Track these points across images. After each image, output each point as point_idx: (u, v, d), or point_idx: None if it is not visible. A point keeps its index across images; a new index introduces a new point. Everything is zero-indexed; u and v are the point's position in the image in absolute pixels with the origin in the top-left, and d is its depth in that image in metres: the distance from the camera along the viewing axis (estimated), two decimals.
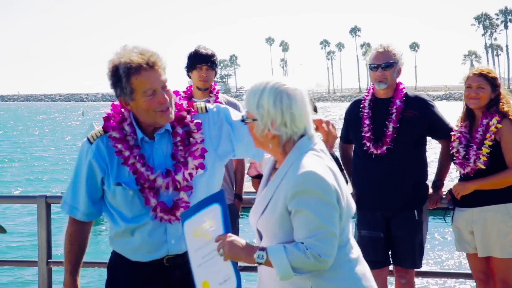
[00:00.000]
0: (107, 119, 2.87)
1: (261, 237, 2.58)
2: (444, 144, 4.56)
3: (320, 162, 2.43)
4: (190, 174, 2.83)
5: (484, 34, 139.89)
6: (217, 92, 4.93)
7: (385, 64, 4.41)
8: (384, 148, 4.39)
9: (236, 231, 4.88)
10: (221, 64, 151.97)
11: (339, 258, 2.43)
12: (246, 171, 4.97)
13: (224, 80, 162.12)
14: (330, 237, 2.36)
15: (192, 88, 4.97)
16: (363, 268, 2.55)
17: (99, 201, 2.94)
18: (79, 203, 2.93)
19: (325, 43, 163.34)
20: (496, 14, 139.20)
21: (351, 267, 2.48)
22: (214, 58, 4.87)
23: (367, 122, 4.48)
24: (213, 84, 4.92)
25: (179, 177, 2.81)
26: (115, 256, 3.00)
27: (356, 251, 2.57)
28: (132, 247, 2.88)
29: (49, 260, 4.82)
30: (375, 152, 4.41)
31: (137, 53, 2.72)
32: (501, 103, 4.29)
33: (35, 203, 4.85)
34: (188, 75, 4.94)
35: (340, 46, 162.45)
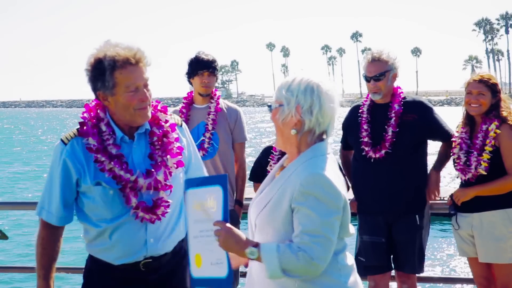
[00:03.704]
0: (82, 124, 2.83)
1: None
2: (443, 144, 4.56)
3: (331, 168, 2.47)
4: (170, 173, 2.85)
5: (485, 39, 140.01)
6: (218, 98, 4.93)
7: (377, 75, 4.40)
8: (383, 152, 4.39)
9: None
10: (222, 70, 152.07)
11: (329, 266, 2.43)
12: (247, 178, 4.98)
13: (225, 85, 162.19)
14: (326, 243, 2.37)
15: (193, 94, 4.98)
16: (354, 280, 2.54)
17: (71, 205, 2.91)
18: (54, 207, 2.88)
19: (326, 48, 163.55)
20: (497, 19, 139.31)
21: (340, 276, 2.48)
22: (215, 64, 4.88)
23: (365, 126, 4.48)
24: (214, 90, 4.93)
25: (160, 177, 2.81)
26: (91, 261, 2.98)
27: (349, 262, 2.56)
28: (111, 249, 2.86)
29: None
30: (373, 156, 4.41)
31: (123, 48, 2.72)
32: (500, 108, 4.29)
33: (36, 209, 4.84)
34: (189, 81, 4.94)
35: (341, 51, 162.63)
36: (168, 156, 2.86)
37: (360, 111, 4.57)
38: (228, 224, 2.49)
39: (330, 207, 2.38)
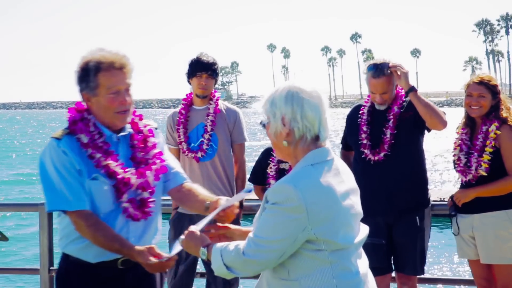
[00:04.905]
0: (73, 123, 2.91)
1: None
2: None
3: (317, 178, 2.37)
4: (157, 176, 3.00)
5: (485, 40, 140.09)
6: (217, 99, 4.92)
7: (383, 92, 4.43)
8: (382, 154, 4.41)
9: None
10: (222, 71, 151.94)
11: (324, 279, 2.36)
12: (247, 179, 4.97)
13: (225, 87, 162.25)
14: (264, 245, 2.34)
15: (192, 95, 4.97)
16: None
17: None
18: (80, 193, 2.83)
19: (326, 49, 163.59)
20: (497, 20, 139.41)
21: None
22: (215, 66, 4.86)
23: (364, 128, 4.50)
24: (213, 91, 4.92)
25: (150, 179, 2.94)
26: (66, 262, 2.97)
27: (352, 277, 2.42)
28: (92, 246, 2.86)
29: (50, 268, 4.82)
30: (372, 158, 4.42)
31: (109, 53, 2.88)
32: (500, 110, 4.30)
33: (36, 211, 4.85)
34: (188, 81, 4.94)
35: (341, 52, 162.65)
36: (158, 161, 3.00)
37: (360, 112, 4.58)
38: (192, 227, 2.59)
39: (285, 217, 2.32)
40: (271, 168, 4.61)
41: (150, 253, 2.79)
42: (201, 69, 4.80)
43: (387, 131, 4.42)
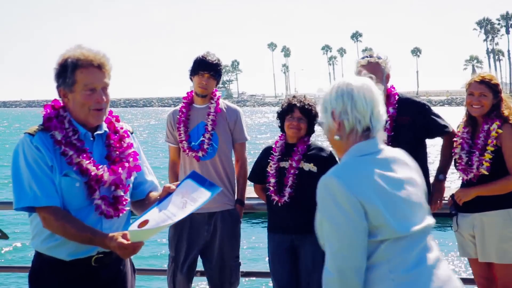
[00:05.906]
0: (48, 119, 2.90)
1: None
2: (443, 146, 4.56)
3: (359, 168, 2.37)
4: (130, 174, 3.01)
5: (485, 39, 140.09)
6: (218, 98, 4.90)
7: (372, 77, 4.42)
8: None
9: (237, 237, 4.87)
10: (223, 70, 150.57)
11: (380, 275, 2.30)
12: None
13: (226, 85, 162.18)
14: (339, 253, 2.28)
15: (193, 94, 4.95)
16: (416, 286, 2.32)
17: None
18: (50, 190, 2.80)
19: (326, 48, 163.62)
20: (498, 19, 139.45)
21: (393, 286, 2.29)
22: (218, 67, 4.83)
23: None
24: (214, 90, 4.90)
25: (123, 176, 2.95)
26: (40, 261, 2.95)
27: (410, 270, 2.32)
28: (65, 244, 2.84)
29: None
30: None
31: (89, 51, 2.88)
32: (501, 108, 4.29)
33: None
34: (190, 78, 4.93)
35: (341, 51, 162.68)
36: (131, 159, 3.02)
37: None
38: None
39: (339, 213, 2.27)
40: (271, 166, 4.60)
41: (124, 238, 2.72)
42: (204, 68, 4.78)
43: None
